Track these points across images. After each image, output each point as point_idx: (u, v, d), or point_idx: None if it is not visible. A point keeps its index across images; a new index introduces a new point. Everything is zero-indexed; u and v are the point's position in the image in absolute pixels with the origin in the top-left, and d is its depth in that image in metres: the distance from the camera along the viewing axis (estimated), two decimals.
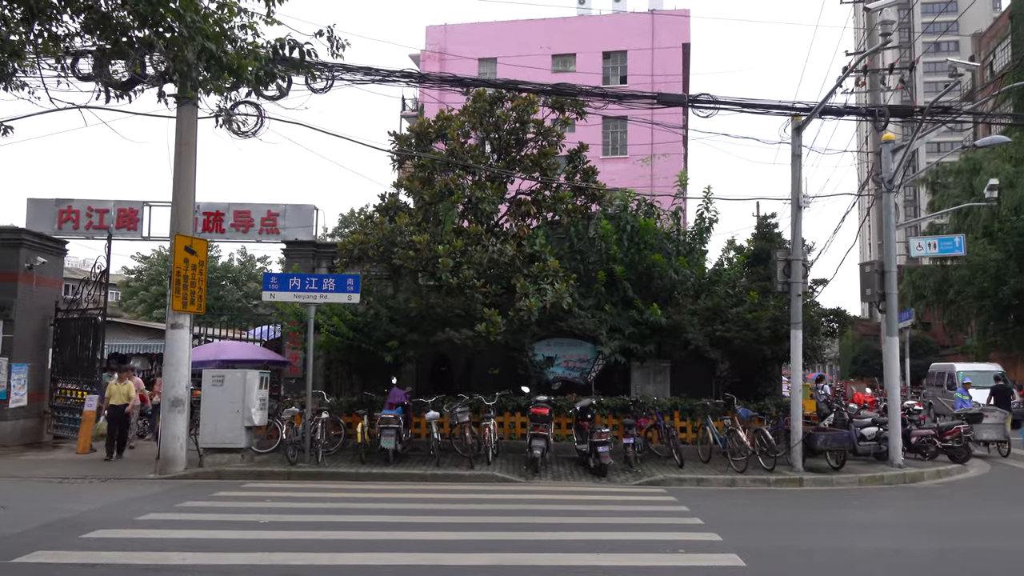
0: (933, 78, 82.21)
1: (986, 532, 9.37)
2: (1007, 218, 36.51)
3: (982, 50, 57.32)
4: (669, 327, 16.30)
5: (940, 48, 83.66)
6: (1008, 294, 34.51)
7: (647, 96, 16.57)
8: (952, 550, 8.22)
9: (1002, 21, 54.89)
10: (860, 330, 57.06)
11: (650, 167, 35.38)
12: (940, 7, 73.97)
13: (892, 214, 16.03)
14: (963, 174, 39.86)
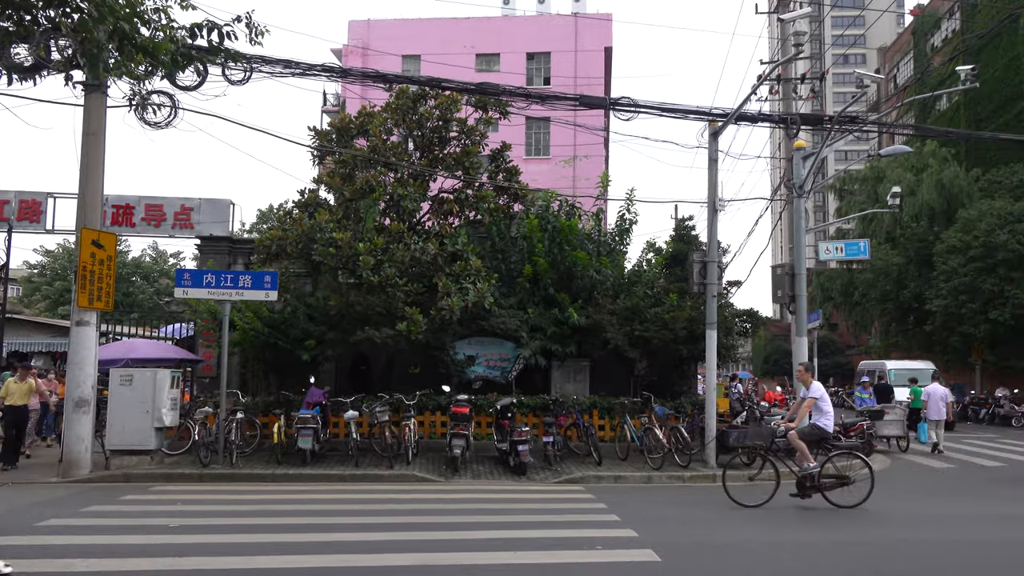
0: (842, 89, 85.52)
1: (884, 523, 9.79)
2: (908, 224, 38.33)
3: (887, 63, 59.94)
4: (589, 327, 16.51)
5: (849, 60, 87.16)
6: (908, 297, 36.24)
7: (569, 98, 16.73)
8: (850, 541, 8.57)
9: (905, 36, 57.54)
10: (772, 330, 59.02)
11: (572, 168, 35.74)
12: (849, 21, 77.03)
13: (802, 219, 16.62)
14: (868, 182, 41.65)
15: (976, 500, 12.03)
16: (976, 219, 31.15)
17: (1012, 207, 30.91)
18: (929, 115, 49.00)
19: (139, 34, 6.92)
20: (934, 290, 32.64)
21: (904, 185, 36.22)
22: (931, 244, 34.97)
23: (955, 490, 13.20)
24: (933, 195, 37.60)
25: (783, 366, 52.27)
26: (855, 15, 74.30)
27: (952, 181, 37.69)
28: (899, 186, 29.08)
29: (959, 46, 42.59)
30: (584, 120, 22.88)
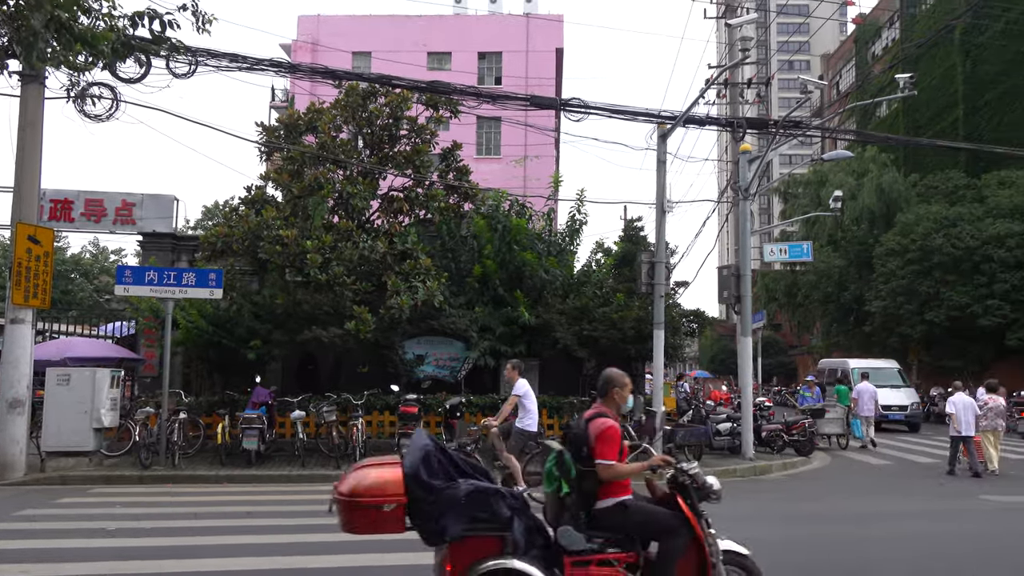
0: (787, 94, 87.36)
1: (825, 519, 10.05)
2: (849, 228, 39.33)
3: (830, 70, 61.40)
4: (539, 326, 16.57)
5: (794, 66, 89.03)
6: (849, 298, 37.18)
7: (520, 98, 16.76)
8: (799, 538, 8.76)
9: (848, 45, 59.06)
10: (718, 330, 59.99)
11: (523, 168, 35.84)
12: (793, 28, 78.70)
13: (748, 221, 16.93)
14: (811, 185, 42.60)
15: (909, 496, 12.39)
16: (913, 223, 32.09)
17: (947, 212, 31.93)
18: (870, 121, 50.35)
19: (78, 23, 6.73)
20: (873, 292, 33.53)
21: (846, 189, 37.14)
22: (871, 247, 35.92)
23: (893, 486, 13.58)
24: (873, 199, 38.65)
25: (729, 366, 53.23)
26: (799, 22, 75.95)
27: (891, 186, 38.78)
28: (841, 190, 29.77)
29: (898, 55, 43.80)
30: (535, 120, 22.98)
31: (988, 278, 29.09)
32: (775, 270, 47.60)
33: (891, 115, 48.28)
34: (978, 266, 29.39)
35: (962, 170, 38.40)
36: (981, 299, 29.05)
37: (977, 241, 29.41)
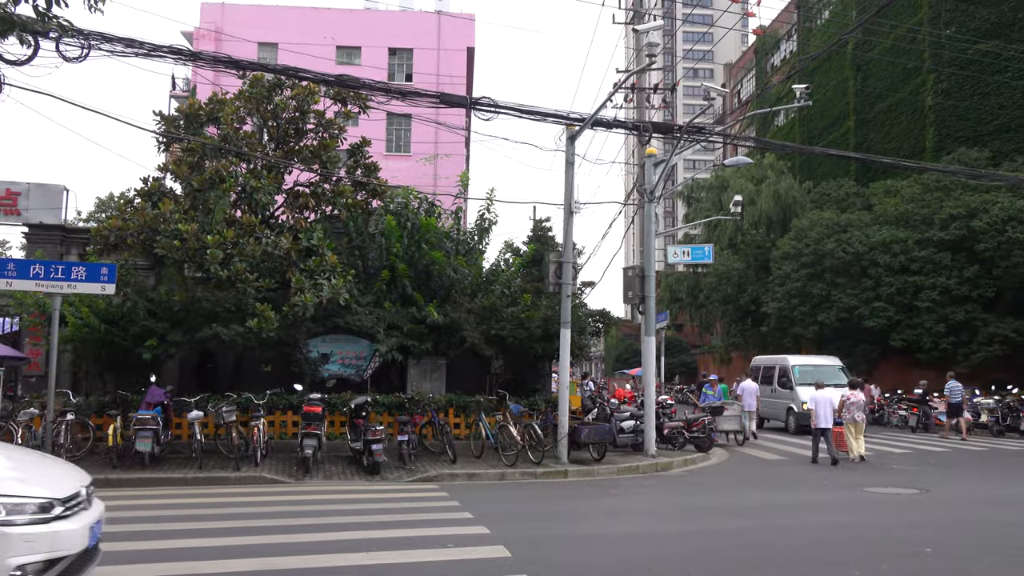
0: (691, 101, 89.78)
1: (721, 513, 10.39)
2: (748, 232, 40.76)
3: (732, 79, 63.50)
4: (447, 325, 16.53)
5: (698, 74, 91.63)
6: (747, 300, 38.52)
7: (430, 95, 16.64)
8: (692, 531, 9.03)
9: (748, 55, 61.19)
10: (623, 330, 61.16)
11: (433, 166, 35.68)
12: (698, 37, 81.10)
13: (652, 223, 17.33)
14: (714, 190, 43.98)
15: (797, 489, 12.93)
16: (807, 228, 33.49)
17: (838, 218, 33.46)
18: (769, 129, 52.33)
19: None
20: (770, 294, 34.84)
21: (745, 194, 38.50)
22: (768, 250, 37.31)
23: (784, 480, 14.14)
24: (771, 204, 40.20)
25: (633, 365, 54.35)
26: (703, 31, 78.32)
27: (787, 192, 40.43)
28: (741, 195, 30.81)
29: (795, 67, 45.66)
30: (446, 118, 22.89)
31: (875, 282, 30.64)
32: (678, 271, 48.89)
33: (788, 124, 50.32)
34: (866, 270, 30.93)
35: (853, 178, 40.35)
36: (868, 301, 30.57)
37: (865, 247, 30.94)
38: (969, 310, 29.33)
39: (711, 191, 44.36)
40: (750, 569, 7.20)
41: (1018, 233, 28.08)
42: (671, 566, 7.34)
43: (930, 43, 35.76)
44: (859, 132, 42.62)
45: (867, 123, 42.50)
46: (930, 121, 36.95)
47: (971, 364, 28.73)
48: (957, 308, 29.35)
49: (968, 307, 29.40)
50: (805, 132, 47.74)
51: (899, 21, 37.87)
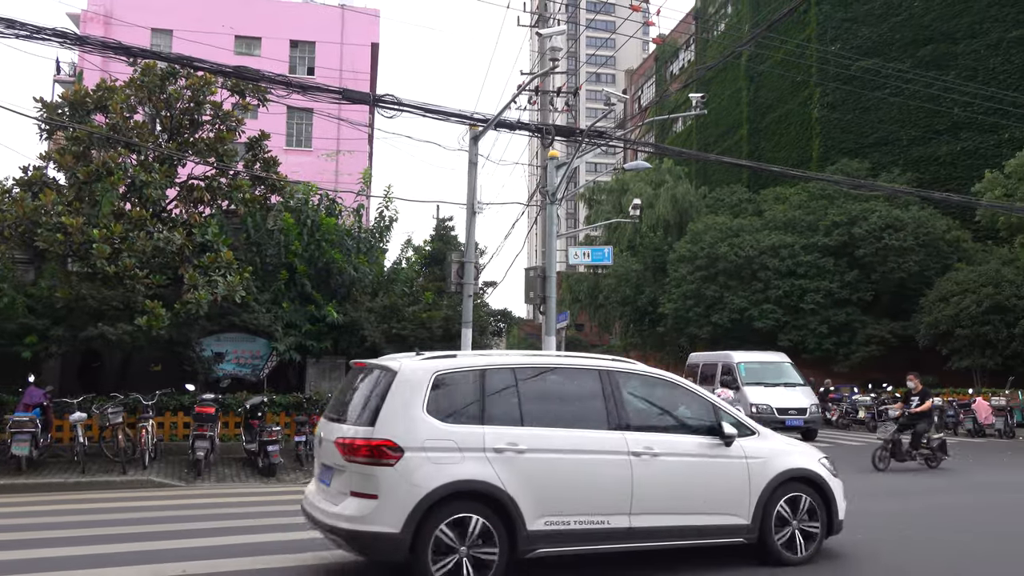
0: (594, 105, 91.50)
1: None
2: (646, 234, 41.85)
3: (633, 85, 65.06)
4: (347, 324, 16.33)
5: (601, 79, 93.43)
6: (645, 301, 39.57)
7: (333, 91, 16.37)
8: None
9: (649, 62, 62.86)
10: (525, 330, 61.65)
11: (335, 162, 35.12)
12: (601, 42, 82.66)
13: (554, 224, 17.57)
14: (614, 193, 44.94)
15: None
16: (702, 232, 34.69)
17: (731, 223, 34.80)
18: (667, 135, 53.90)
19: None
20: (667, 295, 35.89)
21: (644, 198, 39.51)
22: (665, 253, 38.43)
23: None
24: (668, 208, 41.40)
25: None
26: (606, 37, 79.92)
27: (684, 197, 41.73)
28: (640, 199, 31.66)
29: (692, 75, 47.20)
30: (349, 115, 22.57)
31: (764, 284, 32.02)
32: (579, 272, 49.72)
33: (686, 131, 51.98)
34: (756, 273, 32.28)
35: (745, 185, 42.05)
36: (758, 303, 31.93)
37: (755, 251, 32.29)
38: (849, 312, 31.06)
39: (612, 194, 45.31)
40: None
41: (894, 240, 29.90)
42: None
43: (817, 58, 37.64)
44: (751, 140, 44.44)
45: (759, 132, 44.35)
46: (816, 132, 38.89)
47: (851, 363, 30.45)
48: (839, 310, 31.02)
49: (848, 310, 31.13)
50: (701, 139, 49.43)
51: (789, 36, 39.68)
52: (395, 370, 6.33)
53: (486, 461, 6.14)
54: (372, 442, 6.01)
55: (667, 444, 6.83)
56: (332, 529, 6.14)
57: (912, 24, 35.68)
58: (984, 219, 28.01)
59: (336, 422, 6.59)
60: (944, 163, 34.02)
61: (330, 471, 6.48)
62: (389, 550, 5.93)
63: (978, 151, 32.53)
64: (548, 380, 6.93)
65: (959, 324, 26.32)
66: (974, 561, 7.76)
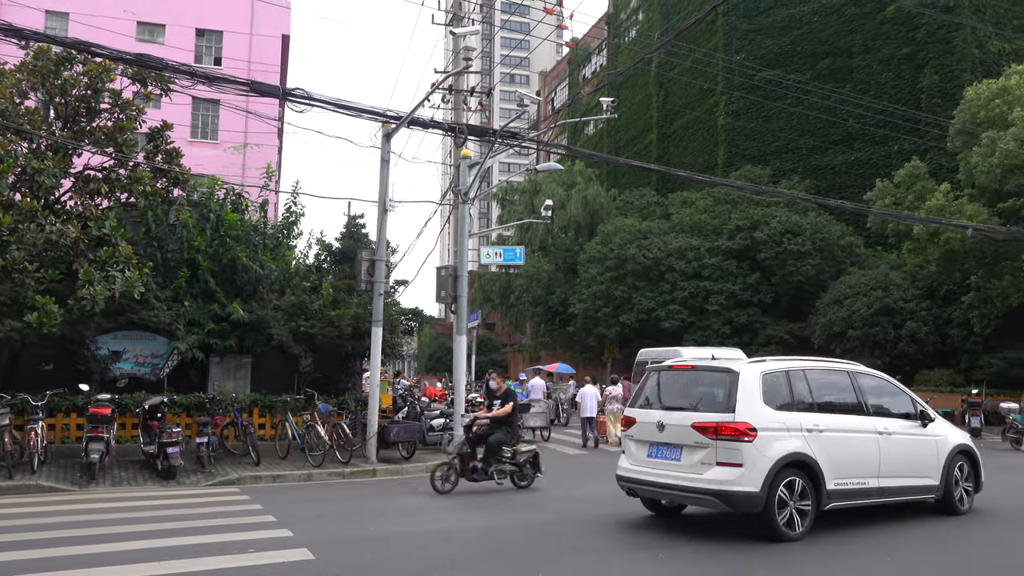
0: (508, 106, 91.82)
1: (526, 507, 10.76)
2: (558, 235, 42.35)
3: (546, 87, 65.65)
4: (252, 322, 15.93)
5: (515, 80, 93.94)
6: (556, 301, 40.04)
7: (240, 82, 15.92)
8: (498, 526, 9.29)
9: (562, 65, 63.57)
10: (436, 329, 61.54)
11: (243, 156, 34.18)
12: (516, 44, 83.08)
13: (466, 223, 17.60)
14: (527, 193, 45.31)
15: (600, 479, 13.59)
16: (612, 234, 35.36)
17: (640, 225, 35.59)
18: (579, 138, 54.64)
19: None
20: (577, 295, 36.42)
21: (556, 199, 39.98)
22: (576, 254, 38.98)
23: (581, 472, 14.84)
24: (579, 210, 42.01)
25: (446, 363, 54.79)
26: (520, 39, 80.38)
27: (595, 198, 42.43)
28: (552, 199, 32.00)
29: (604, 80, 47.99)
30: (257, 107, 21.95)
31: (671, 285, 32.88)
32: (491, 272, 49.91)
33: (597, 133, 52.82)
34: (663, 275, 33.11)
35: (654, 188, 43.08)
36: (664, 304, 32.76)
37: (663, 253, 33.12)
38: (751, 313, 32.22)
39: (524, 194, 45.67)
40: (548, 558, 7.52)
41: (793, 245, 31.17)
42: (475, 560, 7.53)
43: (723, 67, 38.87)
44: (660, 145, 45.53)
45: (668, 137, 45.47)
46: (722, 139, 40.17)
47: None
48: (741, 312, 32.14)
49: (750, 311, 32.28)
50: (612, 142, 50.33)
51: (697, 45, 40.83)
52: (736, 371, 8.37)
53: (802, 438, 8.31)
54: (737, 425, 8.01)
55: (894, 426, 9.22)
56: (701, 491, 8.12)
57: (812, 38, 37.26)
58: (874, 226, 29.50)
59: (679, 411, 8.56)
60: (839, 172, 35.68)
61: (676, 448, 8.40)
62: (751, 505, 7.92)
63: (870, 161, 34.26)
64: (820, 377, 9.10)
65: (851, 325, 27.66)
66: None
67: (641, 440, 8.92)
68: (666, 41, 35.82)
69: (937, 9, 32.70)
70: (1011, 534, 9.06)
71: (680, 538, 8.42)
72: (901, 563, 7.53)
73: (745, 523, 8.57)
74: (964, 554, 8.09)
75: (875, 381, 9.69)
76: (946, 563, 7.76)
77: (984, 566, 7.60)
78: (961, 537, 8.75)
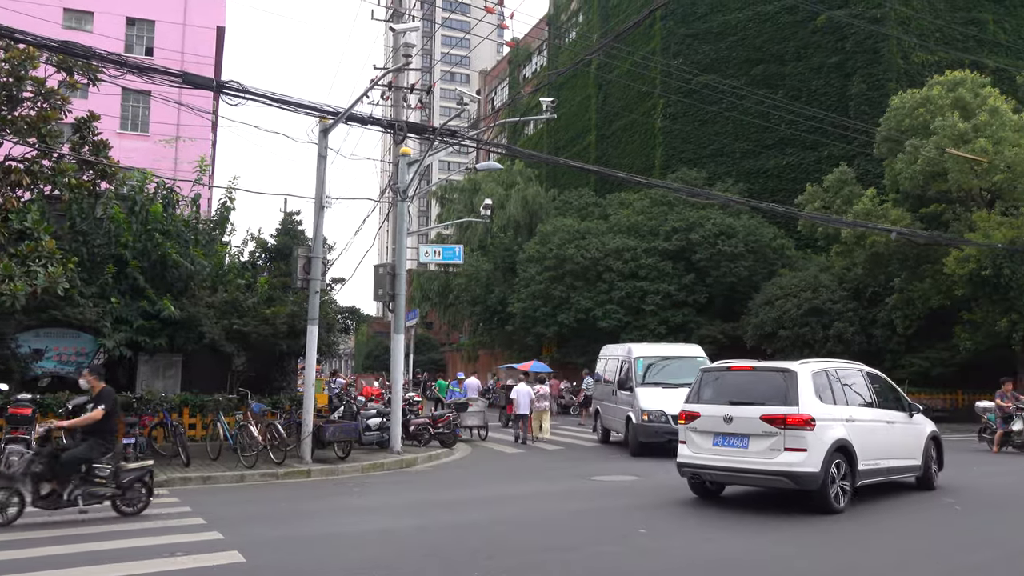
0: (448, 104, 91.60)
1: (461, 507, 10.75)
2: (497, 235, 42.40)
3: (487, 87, 65.66)
4: (183, 320, 15.54)
5: (455, 78, 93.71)
6: (495, 301, 40.04)
7: (172, 73, 15.51)
8: (432, 526, 9.26)
9: (503, 65, 63.65)
10: (375, 327, 61.00)
11: (175, 149, 33.30)
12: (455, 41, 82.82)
13: (405, 221, 17.49)
14: (466, 192, 45.22)
15: (530, 480, 13.68)
16: (551, 233, 35.55)
17: (578, 225, 35.87)
18: (519, 137, 54.78)
19: None
20: (516, 295, 36.50)
21: (496, 198, 39.97)
22: (515, 253, 39.06)
23: (519, 472, 14.90)
24: (519, 209, 42.11)
25: (384, 362, 54.32)
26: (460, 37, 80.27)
27: (534, 198, 42.58)
28: (491, 199, 31.97)
29: (544, 80, 48.21)
30: (191, 100, 21.42)
31: (608, 285, 33.22)
32: (431, 271, 49.67)
33: (537, 134, 53.05)
34: (601, 275, 33.43)
35: (592, 189, 43.45)
36: (602, 304, 33.08)
37: (601, 253, 33.44)
38: (686, 313, 32.77)
39: (464, 193, 45.57)
40: (482, 558, 7.52)
41: (726, 247, 31.83)
42: (408, 561, 7.49)
43: (661, 71, 39.45)
44: (599, 146, 45.95)
45: (606, 139, 45.92)
46: (659, 142, 40.74)
47: None
48: (676, 312, 32.66)
49: (685, 311, 32.83)
50: (552, 142, 50.59)
51: (636, 48, 41.34)
52: (794, 371, 9.97)
53: (843, 427, 9.92)
54: (802, 416, 9.54)
55: (896, 416, 11.21)
56: (772, 473, 9.64)
57: (747, 44, 38.07)
58: (805, 229, 30.31)
59: (746, 405, 9.94)
60: (772, 176, 36.55)
61: (743, 437, 9.84)
62: (813, 483, 9.44)
63: (801, 166, 35.18)
64: (846, 376, 10.83)
65: (782, 325, 28.37)
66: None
67: (705, 431, 10.26)
68: (605, 44, 36.20)
69: (865, 20, 33.78)
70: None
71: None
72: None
73: (777, 501, 10.40)
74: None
75: (879, 379, 11.63)
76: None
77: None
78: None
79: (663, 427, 15.87)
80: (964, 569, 7.39)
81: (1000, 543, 8.46)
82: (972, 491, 11.82)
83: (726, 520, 9.48)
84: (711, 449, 10.15)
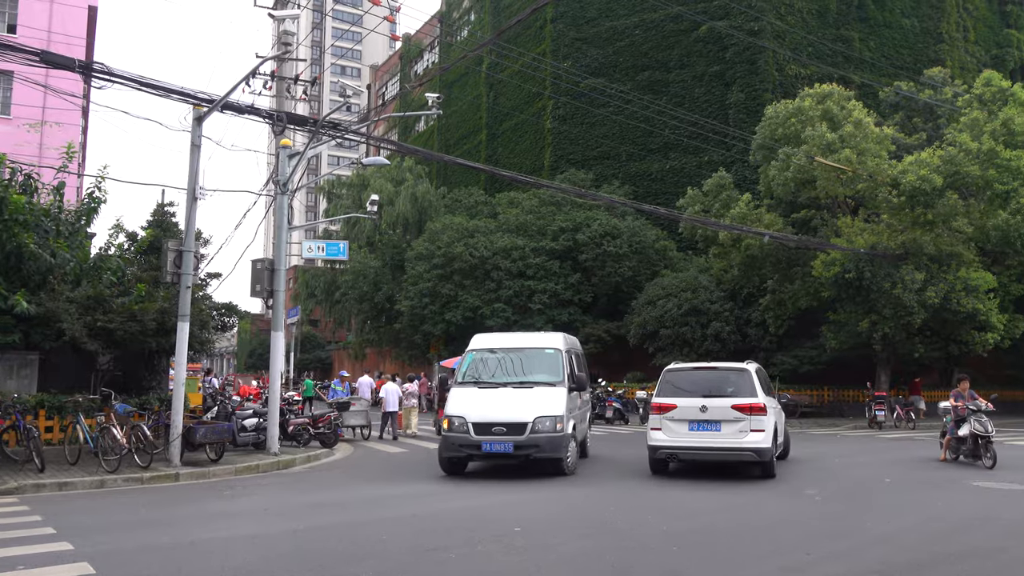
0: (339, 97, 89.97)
1: (336, 509, 10.47)
2: (386, 232, 41.88)
3: (377, 81, 64.77)
4: (41, 316, 14.55)
5: (346, 72, 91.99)
6: (382, 298, 39.54)
7: (31, 51, 14.50)
8: (303, 529, 8.98)
9: (394, 60, 62.91)
10: (258, 325, 59.15)
11: (39, 134, 31.21)
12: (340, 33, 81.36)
13: (285, 215, 16.96)
14: (355, 188, 44.47)
15: (412, 480, 13.50)
16: (440, 231, 35.36)
17: (467, 224, 35.83)
18: (410, 135, 54.31)
19: None
20: (404, 292, 36.12)
21: (384, 195, 39.47)
22: (404, 251, 38.67)
23: (400, 472, 14.68)
24: (408, 206, 41.72)
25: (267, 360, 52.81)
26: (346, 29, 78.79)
27: (424, 196, 42.28)
28: (380, 195, 31.55)
29: (434, 76, 47.96)
30: (59, 83, 20.09)
31: (496, 284, 33.33)
32: (316, 267, 48.58)
33: (428, 131, 52.71)
34: (489, 273, 33.50)
35: (482, 188, 43.51)
36: (490, 302, 33.15)
37: (489, 252, 33.51)
38: (572, 312, 33.27)
39: (352, 188, 44.79)
40: (354, 562, 7.33)
41: (612, 247, 32.50)
42: (275, 568, 7.20)
43: (551, 73, 39.90)
44: (490, 146, 46.07)
45: (497, 138, 46.10)
46: (548, 142, 41.22)
47: None
48: (562, 310, 33.10)
49: (571, 310, 33.33)
50: (443, 140, 50.38)
51: (526, 49, 41.67)
52: (748, 369, 12.75)
53: (774, 412, 13.08)
54: (760, 404, 12.12)
55: (777, 404, 14.36)
56: (743, 450, 12.10)
57: (633, 50, 39.00)
58: (686, 231, 31.31)
59: (716, 397, 12.28)
60: (655, 179, 37.59)
61: (716, 423, 12.10)
62: (769, 456, 12.22)
63: (683, 170, 36.33)
64: (761, 372, 13.55)
65: (663, 325, 29.21)
66: None
67: (681, 420, 12.35)
68: (491, 40, 36.31)
69: (744, 32, 35.20)
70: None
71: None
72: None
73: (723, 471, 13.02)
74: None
75: (764, 375, 14.10)
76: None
77: None
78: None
79: (461, 438, 12.70)
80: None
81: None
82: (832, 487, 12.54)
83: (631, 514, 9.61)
84: (687, 434, 12.31)
